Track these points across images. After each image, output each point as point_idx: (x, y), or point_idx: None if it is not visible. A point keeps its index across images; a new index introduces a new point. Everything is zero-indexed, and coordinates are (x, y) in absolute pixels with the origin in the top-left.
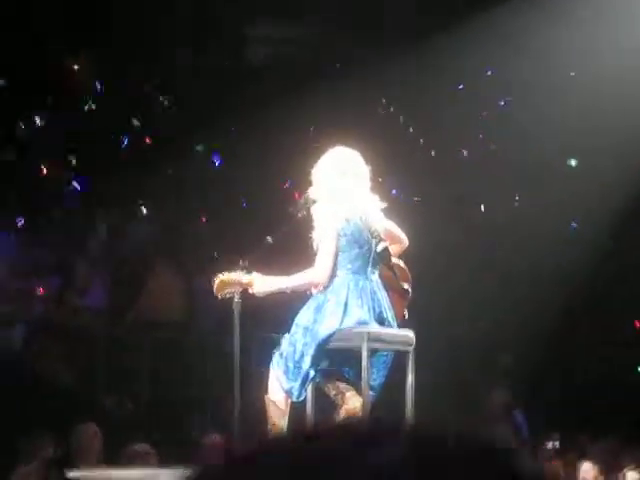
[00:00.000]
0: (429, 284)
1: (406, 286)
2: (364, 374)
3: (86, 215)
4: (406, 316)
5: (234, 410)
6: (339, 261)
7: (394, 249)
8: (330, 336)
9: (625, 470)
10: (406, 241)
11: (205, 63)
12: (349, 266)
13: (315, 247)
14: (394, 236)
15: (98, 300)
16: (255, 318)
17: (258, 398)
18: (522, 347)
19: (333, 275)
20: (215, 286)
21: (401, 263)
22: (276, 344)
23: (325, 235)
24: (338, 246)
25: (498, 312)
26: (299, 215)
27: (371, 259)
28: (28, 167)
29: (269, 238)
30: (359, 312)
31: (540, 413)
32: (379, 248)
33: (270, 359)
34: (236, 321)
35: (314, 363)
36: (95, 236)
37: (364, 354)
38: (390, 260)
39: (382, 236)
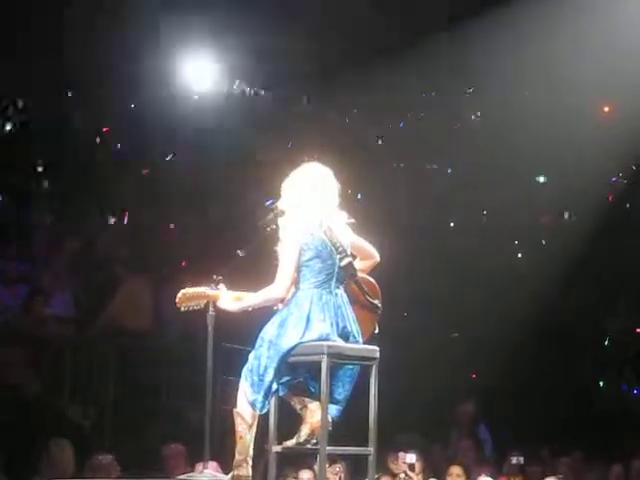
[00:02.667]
0: (399, 298)
1: (376, 302)
2: (323, 388)
3: (53, 223)
4: (376, 331)
5: (205, 421)
6: (303, 275)
7: (365, 265)
8: (291, 349)
9: None
10: (377, 257)
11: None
12: (313, 280)
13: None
14: (364, 252)
15: (65, 309)
16: (224, 330)
17: (224, 409)
18: (488, 363)
19: (297, 289)
20: (178, 299)
21: (371, 279)
22: (244, 356)
23: (286, 250)
24: (301, 260)
25: (467, 328)
26: (268, 228)
27: (335, 274)
28: None
29: (240, 251)
30: (321, 326)
31: (505, 428)
32: (343, 263)
33: (238, 371)
34: (210, 333)
35: (277, 376)
36: (62, 244)
37: (323, 368)
38: (355, 275)
39: (347, 251)
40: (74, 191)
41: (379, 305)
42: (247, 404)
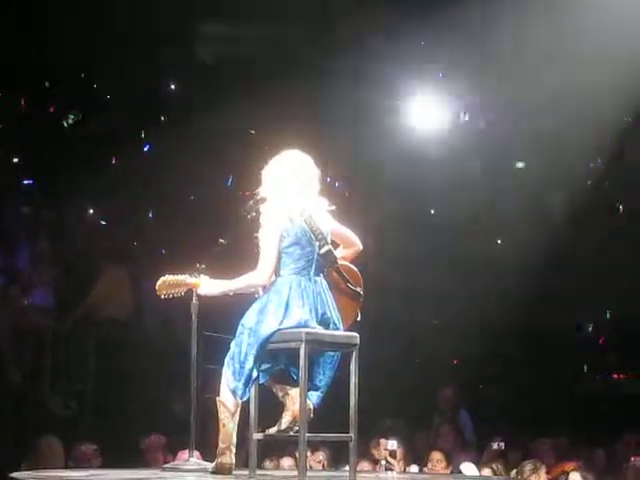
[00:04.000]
0: (380, 286)
1: (358, 289)
2: (302, 375)
3: (32, 213)
4: (358, 318)
5: (191, 409)
6: (282, 261)
7: (347, 253)
8: (270, 336)
9: (568, 471)
10: (359, 245)
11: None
12: (292, 266)
13: (259, 248)
14: (347, 240)
15: (44, 298)
16: (205, 319)
17: (207, 398)
18: (469, 347)
19: (277, 275)
20: (158, 286)
21: (352, 266)
22: (225, 345)
23: (266, 236)
24: (280, 247)
25: (448, 312)
26: (248, 216)
27: (315, 261)
28: None
29: (222, 240)
30: (300, 312)
31: (486, 413)
32: (322, 250)
33: (219, 359)
34: (194, 322)
35: (257, 363)
36: (41, 233)
37: (302, 355)
38: (335, 263)
39: (327, 239)
40: (55, 182)
41: (361, 292)
42: (229, 392)
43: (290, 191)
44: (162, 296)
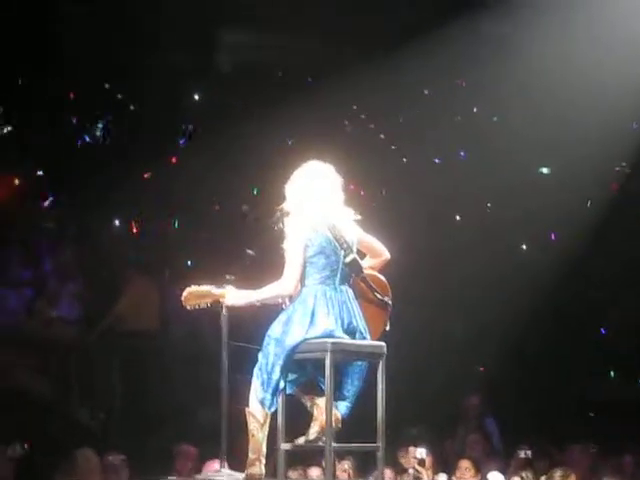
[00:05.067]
0: (407, 292)
1: (385, 298)
2: (327, 384)
3: (57, 225)
4: (387, 327)
5: (222, 421)
6: (307, 271)
7: (375, 263)
8: (296, 346)
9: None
10: (387, 254)
11: (175, 67)
12: (317, 276)
13: (285, 259)
14: (374, 250)
15: (70, 310)
16: (231, 329)
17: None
18: (496, 357)
19: (302, 285)
20: (184, 298)
21: (380, 276)
22: (252, 355)
23: (291, 246)
24: (306, 257)
25: (475, 322)
26: (275, 228)
27: (340, 270)
28: None
29: (249, 251)
30: (325, 321)
31: (512, 421)
32: (348, 259)
33: (247, 369)
34: (224, 334)
35: (284, 374)
36: (67, 246)
37: (327, 365)
38: (361, 272)
39: (353, 248)
40: (80, 193)
41: (389, 302)
42: (257, 403)
43: (313, 201)
44: (188, 307)
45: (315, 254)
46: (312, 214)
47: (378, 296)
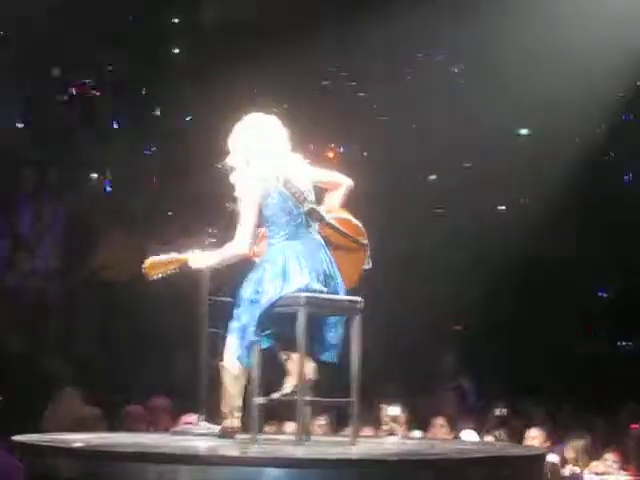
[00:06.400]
0: (380, 254)
1: (359, 239)
2: (299, 338)
3: (36, 177)
4: (369, 266)
5: (201, 373)
6: (271, 230)
7: (338, 196)
8: (272, 305)
9: (570, 439)
10: (347, 181)
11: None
12: (282, 233)
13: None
14: (332, 183)
15: (48, 262)
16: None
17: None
18: (474, 315)
19: (269, 244)
20: (146, 269)
21: (350, 217)
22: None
23: (244, 205)
24: (265, 216)
25: (453, 280)
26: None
27: (303, 222)
28: None
29: (228, 204)
30: (299, 278)
31: (489, 379)
32: (306, 209)
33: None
34: (204, 287)
35: (257, 333)
36: (44, 197)
37: (300, 318)
38: (323, 219)
39: (311, 196)
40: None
41: (363, 241)
42: (232, 357)
43: (260, 156)
44: (152, 277)
45: (275, 213)
46: (260, 169)
47: (350, 239)
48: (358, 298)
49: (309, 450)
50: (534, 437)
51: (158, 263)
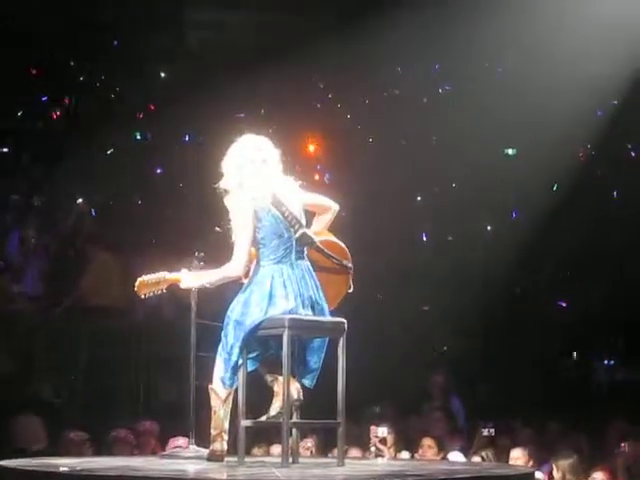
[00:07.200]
0: (368, 272)
1: (344, 262)
2: (284, 360)
3: (21, 201)
4: (351, 289)
5: (190, 397)
6: (262, 252)
7: (325, 220)
8: (256, 327)
9: (557, 458)
10: (334, 206)
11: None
12: (272, 257)
13: (232, 239)
14: (320, 207)
15: (34, 286)
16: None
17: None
18: (461, 335)
19: (258, 266)
20: (137, 287)
21: (336, 240)
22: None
23: (238, 228)
24: (257, 239)
25: (437, 300)
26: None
27: (293, 246)
28: None
29: (218, 227)
30: (284, 303)
31: (476, 400)
32: (297, 235)
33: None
34: (193, 310)
35: (242, 354)
36: (30, 222)
37: (285, 341)
38: (313, 243)
39: (301, 221)
40: (45, 170)
41: (348, 265)
42: (219, 380)
43: (253, 179)
44: (142, 296)
45: (266, 235)
46: (254, 192)
47: (335, 262)
48: (342, 319)
49: (295, 472)
50: (517, 458)
51: (148, 282)
